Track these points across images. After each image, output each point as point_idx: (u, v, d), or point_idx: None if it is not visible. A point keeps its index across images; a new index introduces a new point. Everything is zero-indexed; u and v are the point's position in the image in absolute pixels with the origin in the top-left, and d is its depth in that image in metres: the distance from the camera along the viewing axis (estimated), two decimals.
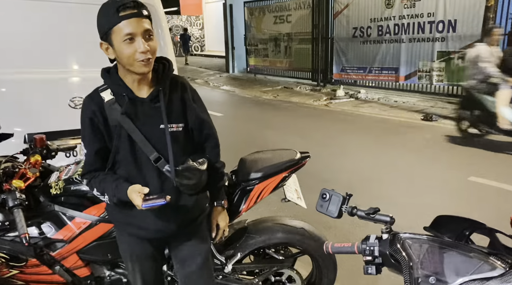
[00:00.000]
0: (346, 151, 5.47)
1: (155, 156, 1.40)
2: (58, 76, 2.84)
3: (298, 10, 11.48)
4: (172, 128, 1.42)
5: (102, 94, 1.40)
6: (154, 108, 1.39)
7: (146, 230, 1.50)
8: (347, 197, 1.20)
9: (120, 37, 1.27)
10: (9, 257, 1.66)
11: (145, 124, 1.39)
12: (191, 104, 1.48)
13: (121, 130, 1.38)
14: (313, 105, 8.92)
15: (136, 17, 1.26)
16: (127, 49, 1.28)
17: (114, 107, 1.37)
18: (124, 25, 1.25)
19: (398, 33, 8.96)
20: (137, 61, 1.29)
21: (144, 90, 1.40)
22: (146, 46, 1.27)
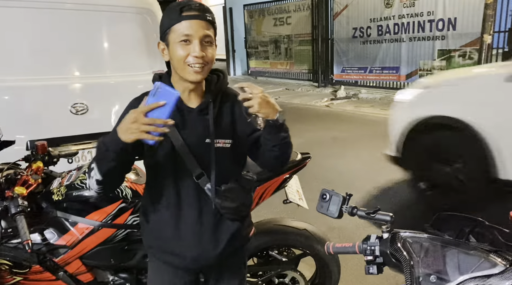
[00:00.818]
0: (348, 151, 5.46)
1: (197, 171, 1.28)
2: (59, 83, 2.86)
3: (298, 12, 11.50)
4: (218, 144, 1.29)
5: None
6: (201, 120, 1.29)
7: (181, 258, 1.35)
8: (347, 197, 1.20)
9: (176, 37, 1.21)
10: (12, 264, 1.66)
11: (190, 136, 1.28)
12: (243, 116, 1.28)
13: (165, 140, 1.23)
14: (315, 106, 8.93)
15: (198, 20, 1.20)
16: (181, 50, 1.21)
17: None
18: (183, 25, 1.20)
19: (398, 33, 8.96)
20: (189, 65, 1.21)
21: (194, 101, 1.31)
22: (201, 52, 1.20)
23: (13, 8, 2.63)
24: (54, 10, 2.77)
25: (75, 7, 2.84)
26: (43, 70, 2.80)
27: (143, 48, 3.15)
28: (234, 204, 1.30)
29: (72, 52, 2.88)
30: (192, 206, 1.31)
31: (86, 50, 2.93)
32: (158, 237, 1.37)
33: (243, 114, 1.28)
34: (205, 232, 1.32)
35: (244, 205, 1.35)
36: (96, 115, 2.90)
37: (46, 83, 2.81)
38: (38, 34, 2.75)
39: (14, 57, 2.70)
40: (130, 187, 1.76)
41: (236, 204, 1.31)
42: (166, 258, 1.39)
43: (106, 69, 3.06)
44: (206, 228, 1.33)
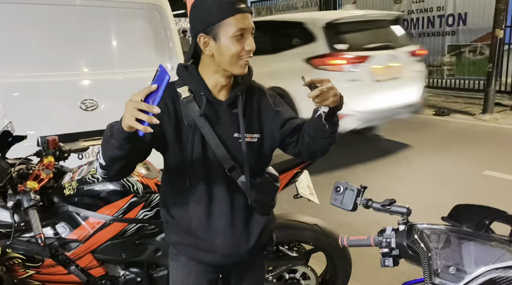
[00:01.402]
0: (357, 147, 5.42)
1: (230, 164, 1.25)
2: (69, 79, 2.87)
3: (306, 8, 11.46)
4: (246, 138, 1.27)
5: (179, 90, 1.26)
6: (230, 114, 1.27)
7: (213, 254, 1.32)
8: (362, 189, 1.19)
9: (231, 32, 1.15)
10: (25, 257, 1.67)
11: (219, 129, 1.26)
12: (271, 110, 1.33)
13: (195, 132, 1.23)
14: None
15: (248, 13, 1.18)
16: (236, 45, 1.17)
17: (191, 106, 1.24)
18: (239, 19, 1.15)
19: (407, 28, 8.87)
20: (241, 59, 1.19)
21: (222, 94, 1.28)
22: (254, 45, 1.20)
23: (23, 5, 2.64)
24: (64, 7, 2.78)
25: (85, 3, 2.85)
26: (53, 67, 2.81)
27: (152, 45, 3.15)
28: (267, 197, 1.31)
29: (81, 48, 2.88)
30: (224, 200, 1.29)
31: (96, 47, 2.94)
32: (187, 232, 1.32)
33: (271, 108, 1.32)
34: (238, 226, 1.30)
35: (274, 199, 1.36)
36: (106, 111, 2.91)
37: (56, 79, 2.82)
38: (48, 30, 2.76)
39: (25, 53, 2.71)
40: (141, 181, 1.76)
41: (269, 197, 1.32)
42: (196, 255, 1.34)
43: (115, 65, 3.07)
44: (239, 222, 1.31)
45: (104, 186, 1.72)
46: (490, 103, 6.71)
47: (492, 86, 6.71)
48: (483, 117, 6.59)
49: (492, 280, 0.80)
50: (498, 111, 6.83)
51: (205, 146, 1.25)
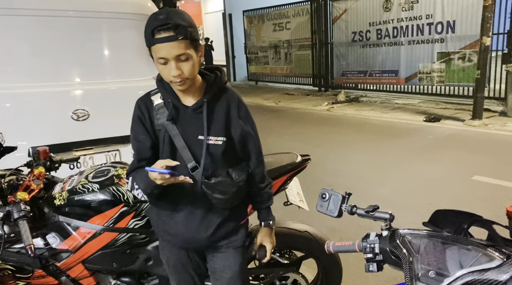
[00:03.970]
0: (348, 154, 5.47)
1: (192, 164, 1.40)
2: (60, 89, 2.88)
3: (297, 17, 11.57)
4: (210, 141, 1.41)
5: (153, 97, 1.45)
6: (196, 118, 1.41)
7: (177, 237, 1.53)
8: (347, 195, 1.21)
9: (155, 58, 1.30)
10: (15, 268, 1.67)
11: (186, 132, 1.41)
12: (236, 120, 1.46)
13: (165, 134, 1.41)
14: (315, 110, 8.95)
15: (170, 42, 1.25)
16: (162, 70, 1.32)
17: (162, 112, 1.42)
18: (158, 48, 1.26)
19: (397, 36, 9.01)
20: (172, 82, 1.33)
21: (191, 99, 1.42)
22: (177, 71, 1.28)
23: (15, 16, 2.66)
24: (55, 18, 2.80)
25: (76, 14, 2.87)
26: (45, 77, 2.82)
27: (143, 54, 3.14)
28: (224, 196, 1.41)
29: (73, 59, 2.90)
30: (187, 194, 1.44)
31: (87, 57, 2.96)
32: (159, 219, 1.54)
33: (235, 117, 1.45)
34: (196, 218, 1.47)
35: (234, 197, 1.45)
36: (97, 121, 2.92)
37: (47, 89, 2.83)
38: (40, 41, 2.78)
39: (16, 64, 2.72)
40: None
41: (227, 196, 1.42)
42: (166, 238, 1.57)
43: (107, 75, 3.08)
44: (198, 213, 1.48)
45: (94, 196, 1.73)
46: (479, 109, 6.82)
47: (481, 92, 6.82)
48: (473, 123, 6.68)
49: (469, 282, 0.82)
50: (487, 117, 6.93)
51: (174, 147, 1.41)
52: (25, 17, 2.69)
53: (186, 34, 1.27)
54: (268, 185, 1.59)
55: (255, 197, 1.57)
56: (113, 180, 1.78)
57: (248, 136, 1.49)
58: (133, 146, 1.47)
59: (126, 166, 1.92)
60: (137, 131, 1.45)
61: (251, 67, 13.86)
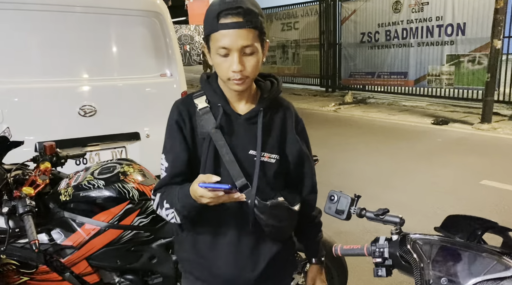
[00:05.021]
0: (355, 156, 5.43)
1: (242, 182, 1.14)
2: (68, 85, 2.89)
3: (306, 17, 11.53)
4: (263, 158, 1.18)
5: (196, 100, 1.21)
6: (248, 129, 1.18)
7: (215, 278, 1.23)
8: (356, 198, 1.19)
9: (215, 47, 1.09)
10: (19, 263, 1.67)
11: (234, 145, 1.17)
12: (293, 136, 1.25)
13: (209, 145, 1.15)
14: (322, 111, 8.91)
15: (238, 29, 1.05)
16: (220, 63, 1.10)
17: (207, 118, 1.17)
18: (221, 36, 1.06)
19: (406, 38, 8.94)
20: (230, 79, 1.10)
21: (243, 106, 1.20)
22: (239, 66, 1.07)
23: (24, 11, 2.66)
24: (64, 13, 2.80)
25: (85, 10, 2.87)
26: (53, 72, 2.82)
27: (151, 51, 3.17)
28: (281, 223, 1.18)
29: (81, 55, 2.90)
30: (232, 221, 1.19)
31: (95, 53, 2.96)
32: (193, 250, 1.24)
33: (293, 132, 1.25)
34: (244, 251, 1.19)
35: (290, 226, 1.23)
36: (104, 118, 2.92)
37: (55, 85, 2.84)
38: (48, 37, 2.78)
39: (25, 59, 2.73)
40: (137, 188, 1.76)
41: (284, 224, 1.19)
42: (199, 275, 1.26)
43: (115, 71, 3.08)
44: (245, 246, 1.20)
45: (100, 193, 1.72)
46: (489, 113, 6.74)
47: (491, 96, 6.74)
48: (482, 127, 6.61)
49: None
50: (497, 121, 6.85)
51: (219, 161, 1.16)
52: (34, 12, 2.69)
53: (257, 23, 1.07)
54: (319, 213, 1.37)
55: (305, 228, 1.33)
56: (119, 177, 1.77)
57: (304, 157, 1.28)
58: (168, 158, 1.20)
59: (133, 164, 1.91)
60: (174, 141, 1.19)
61: None
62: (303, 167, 1.29)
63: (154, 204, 1.21)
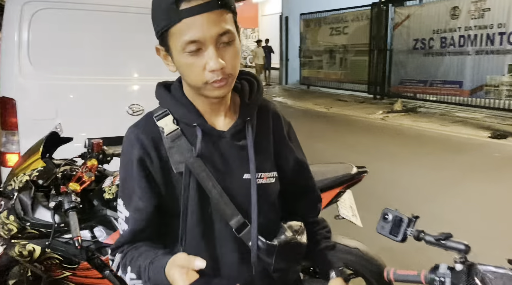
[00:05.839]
0: (403, 167, 5.17)
1: (238, 221, 0.90)
2: (119, 83, 2.95)
3: (356, 21, 11.27)
4: (261, 180, 0.95)
5: (160, 123, 0.91)
6: (236, 149, 0.93)
7: None
8: (413, 219, 1.07)
9: (179, 45, 0.80)
10: (62, 258, 1.69)
11: (223, 172, 0.92)
12: (287, 144, 1.03)
13: (189, 181, 0.89)
14: (369, 118, 8.63)
15: (207, 13, 0.78)
16: (191, 64, 0.81)
17: (180, 144, 0.89)
18: (186, 26, 0.78)
19: (463, 45, 8.46)
20: (207, 84, 0.83)
21: (222, 120, 0.94)
22: (221, 61, 0.80)
23: (79, 11, 2.75)
24: (118, 13, 2.87)
25: (137, 11, 2.92)
26: (105, 71, 2.90)
27: None
28: (291, 263, 0.98)
29: (132, 55, 2.96)
30: (231, 270, 0.95)
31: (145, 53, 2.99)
32: None
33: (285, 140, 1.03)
34: None
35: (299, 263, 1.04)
36: None
37: (107, 83, 2.91)
38: (102, 36, 2.86)
39: (79, 56, 2.82)
40: None
41: (294, 263, 0.99)
42: None
43: (163, 71, 3.11)
44: None
45: None
46: None
47: None
48: None
49: None
50: None
51: (204, 198, 0.91)
52: (89, 11, 2.78)
53: (229, 1, 0.82)
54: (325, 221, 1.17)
55: (316, 235, 1.09)
56: None
57: (303, 166, 1.08)
58: (128, 206, 0.92)
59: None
60: (136, 186, 0.90)
61: (304, 71, 13.70)
62: (302, 177, 1.09)
63: (114, 264, 0.96)
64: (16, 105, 2.54)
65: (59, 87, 2.71)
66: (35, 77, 2.60)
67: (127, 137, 0.93)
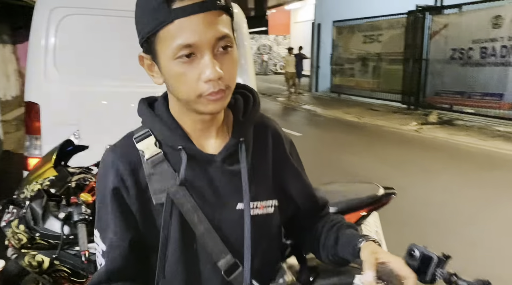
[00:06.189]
0: (436, 183, 4.91)
1: (227, 261, 0.78)
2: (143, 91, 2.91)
3: (391, 29, 10.98)
4: (257, 210, 0.82)
5: (140, 145, 0.79)
6: (227, 174, 0.81)
7: None
8: (444, 258, 0.94)
9: (170, 50, 0.70)
10: (71, 271, 1.65)
11: (211, 203, 0.80)
12: (291, 165, 0.91)
13: (171, 212, 0.77)
14: (401, 130, 8.32)
15: (203, 13, 0.68)
16: (183, 73, 0.70)
17: (161, 170, 0.78)
18: (178, 29, 0.68)
19: (506, 56, 8.03)
20: (201, 97, 0.72)
21: (213, 141, 0.82)
22: (219, 70, 0.69)
23: (108, 17, 2.75)
24: None
25: None
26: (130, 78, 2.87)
27: None
28: None
29: None
30: None
31: None
32: None
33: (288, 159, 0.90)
34: None
35: None
36: None
37: (132, 90, 2.88)
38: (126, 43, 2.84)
39: (104, 63, 2.81)
40: None
41: None
42: None
43: None
44: None
45: None
46: None
47: None
48: None
49: None
50: None
51: (188, 233, 0.78)
52: (116, 17, 2.77)
53: (228, 3, 0.72)
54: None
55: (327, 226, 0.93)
56: None
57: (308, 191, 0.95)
58: (104, 239, 0.79)
59: None
60: (108, 220, 0.78)
61: (335, 78, 13.47)
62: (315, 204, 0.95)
63: None
64: (40, 110, 2.55)
65: (83, 94, 2.71)
66: (60, 82, 2.61)
67: (103, 161, 0.81)
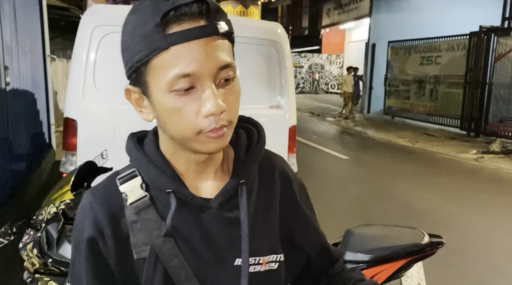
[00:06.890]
0: (499, 223, 4.39)
1: None
2: None
3: (450, 51, 10.38)
4: (258, 267, 0.70)
5: (124, 187, 0.68)
6: (225, 223, 0.69)
7: None
8: None
9: (164, 82, 0.60)
10: None
11: (203, 257, 0.68)
12: (302, 213, 0.80)
13: (155, 269, 0.65)
14: (459, 158, 7.70)
15: (205, 38, 0.59)
16: (181, 107, 0.60)
17: (146, 218, 0.66)
18: (175, 56, 0.58)
19: None
20: (202, 132, 0.62)
21: (210, 183, 0.71)
22: (221, 103, 0.60)
23: None
24: None
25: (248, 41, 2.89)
26: None
27: (265, 81, 3.01)
28: None
29: None
30: None
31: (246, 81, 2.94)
32: None
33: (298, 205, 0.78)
34: None
35: None
36: None
37: None
38: None
39: None
40: None
41: None
42: None
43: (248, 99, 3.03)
44: None
45: None
46: None
47: None
48: None
49: None
50: None
51: None
52: None
53: (230, 27, 0.63)
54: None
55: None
56: None
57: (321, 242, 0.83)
58: None
59: None
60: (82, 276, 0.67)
61: (389, 100, 12.93)
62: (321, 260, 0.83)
63: None
64: (77, 127, 2.57)
65: (119, 112, 2.71)
66: (98, 100, 2.63)
67: (81, 206, 0.68)
